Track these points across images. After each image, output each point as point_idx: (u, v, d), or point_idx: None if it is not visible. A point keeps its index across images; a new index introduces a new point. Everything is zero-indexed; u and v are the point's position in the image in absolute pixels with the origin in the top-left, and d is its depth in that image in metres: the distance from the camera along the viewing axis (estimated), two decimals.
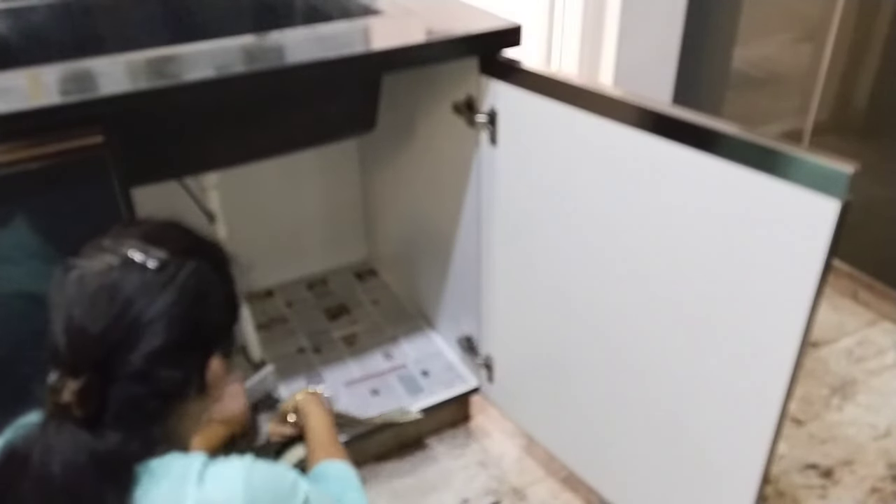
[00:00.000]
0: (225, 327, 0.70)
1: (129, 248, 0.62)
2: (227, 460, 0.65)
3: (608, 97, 0.90)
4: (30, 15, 1.16)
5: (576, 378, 1.13)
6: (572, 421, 1.18)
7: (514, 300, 1.21)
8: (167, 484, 0.61)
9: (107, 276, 0.61)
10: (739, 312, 0.84)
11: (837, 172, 0.69)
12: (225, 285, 0.69)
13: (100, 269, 0.61)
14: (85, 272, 0.61)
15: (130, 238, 0.64)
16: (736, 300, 0.84)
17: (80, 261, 0.62)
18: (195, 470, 0.62)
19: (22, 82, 0.85)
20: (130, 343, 0.60)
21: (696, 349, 0.91)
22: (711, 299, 0.87)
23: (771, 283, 0.79)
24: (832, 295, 1.81)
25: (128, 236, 0.64)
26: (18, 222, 0.83)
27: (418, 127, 1.33)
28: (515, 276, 1.18)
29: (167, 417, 0.65)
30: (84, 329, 0.59)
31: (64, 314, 0.60)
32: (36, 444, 0.59)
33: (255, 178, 1.49)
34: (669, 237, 0.89)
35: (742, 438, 0.89)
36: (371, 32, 1.06)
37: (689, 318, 0.90)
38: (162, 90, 0.84)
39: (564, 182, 1.01)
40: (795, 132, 1.83)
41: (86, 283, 0.60)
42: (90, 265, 0.61)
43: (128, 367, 0.60)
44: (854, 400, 1.52)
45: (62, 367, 0.59)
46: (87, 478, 0.59)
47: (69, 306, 0.60)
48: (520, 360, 1.26)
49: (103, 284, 0.60)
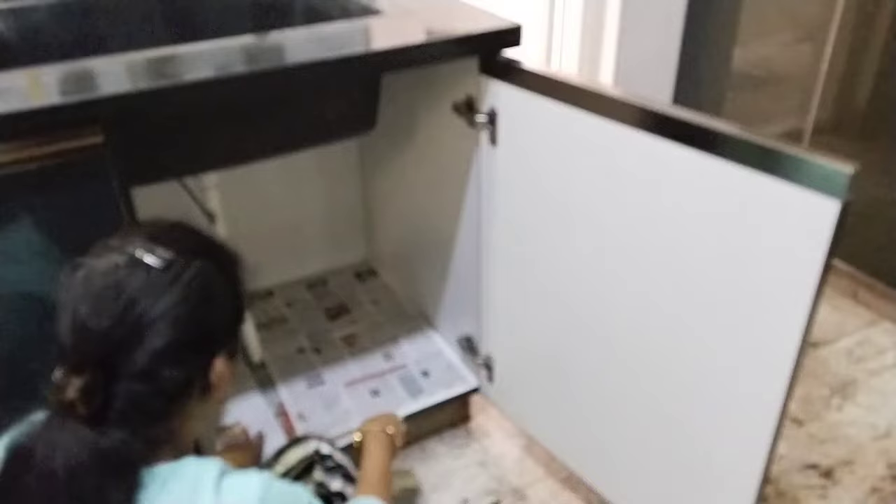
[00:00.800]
0: (230, 328, 0.70)
1: (136, 248, 0.63)
2: (246, 473, 0.65)
3: (609, 97, 0.90)
4: (30, 15, 1.16)
5: (576, 378, 1.13)
6: (572, 421, 1.18)
7: (514, 300, 1.21)
8: (179, 489, 0.61)
9: (112, 274, 0.61)
10: (739, 312, 0.84)
11: (838, 172, 0.69)
12: (231, 286, 0.69)
13: (106, 268, 0.61)
14: (91, 271, 0.61)
15: (137, 237, 0.64)
16: (736, 300, 0.84)
17: (88, 259, 0.63)
18: (212, 477, 0.62)
19: (22, 82, 0.85)
20: (135, 341, 0.60)
21: (696, 350, 0.91)
22: (711, 299, 0.86)
23: (771, 283, 0.79)
24: (832, 295, 1.81)
25: (135, 236, 0.65)
26: (19, 222, 0.83)
27: (418, 127, 1.33)
28: (515, 276, 1.18)
29: (171, 417, 0.65)
30: (88, 326, 0.60)
31: (70, 312, 0.60)
32: (40, 440, 0.60)
33: (255, 179, 1.49)
34: (669, 238, 0.89)
35: (742, 438, 0.89)
36: (371, 32, 1.06)
37: (688, 318, 0.90)
38: (161, 90, 0.83)
39: (564, 182, 1.01)
40: (795, 132, 1.83)
41: (92, 281, 0.61)
42: (97, 264, 0.62)
43: (132, 366, 0.60)
44: (854, 400, 1.52)
45: (67, 364, 0.59)
46: (90, 475, 0.59)
47: (75, 304, 0.60)
48: (520, 360, 1.26)
49: (108, 283, 0.61)
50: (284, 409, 1.32)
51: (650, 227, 0.91)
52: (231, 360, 0.70)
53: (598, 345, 1.06)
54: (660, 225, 0.89)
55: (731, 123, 0.79)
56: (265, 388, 1.37)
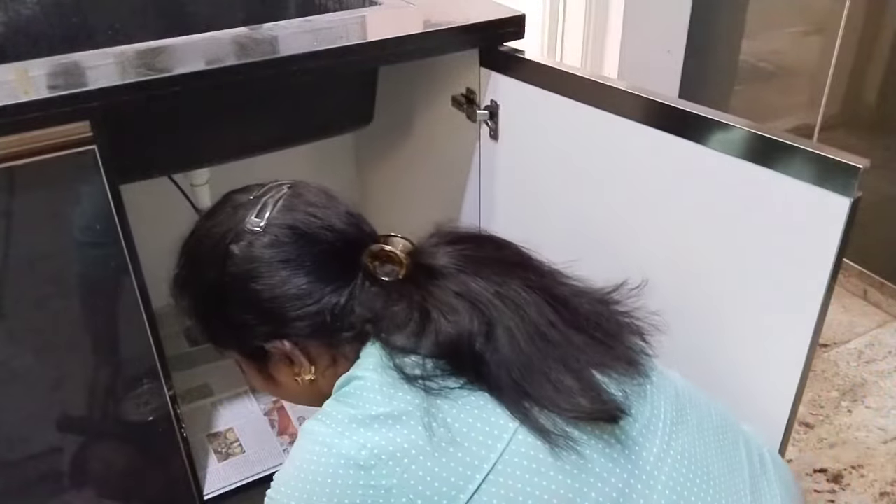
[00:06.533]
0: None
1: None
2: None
3: (614, 91, 0.88)
4: (18, 7, 1.15)
5: None
6: None
7: None
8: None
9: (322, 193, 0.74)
10: (748, 312, 0.81)
11: (848, 168, 0.67)
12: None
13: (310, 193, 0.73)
14: (300, 191, 0.73)
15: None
16: (744, 299, 0.81)
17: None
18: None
19: (8, 76, 0.83)
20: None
21: (703, 350, 0.89)
22: (719, 299, 0.84)
23: (780, 282, 0.77)
24: (842, 295, 1.78)
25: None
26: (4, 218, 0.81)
27: (416, 121, 1.31)
28: None
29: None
30: (352, 212, 0.75)
31: (335, 216, 0.71)
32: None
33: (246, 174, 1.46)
34: (675, 235, 0.86)
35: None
36: (367, 23, 1.03)
37: (696, 318, 0.88)
38: (151, 82, 0.81)
39: (568, 178, 0.99)
40: (804, 127, 1.80)
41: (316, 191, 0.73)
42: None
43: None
44: (864, 402, 1.49)
45: (372, 239, 0.71)
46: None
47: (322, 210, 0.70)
48: None
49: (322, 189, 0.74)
50: (285, 412, 1.30)
51: (655, 224, 0.88)
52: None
53: None
54: (665, 222, 0.87)
55: (739, 118, 0.76)
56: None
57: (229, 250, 0.67)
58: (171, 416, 0.99)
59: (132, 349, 0.93)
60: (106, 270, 0.87)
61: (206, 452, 1.19)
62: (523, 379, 0.61)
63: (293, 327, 0.67)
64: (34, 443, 0.93)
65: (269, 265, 0.66)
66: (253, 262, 0.66)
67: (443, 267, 0.68)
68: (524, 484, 0.59)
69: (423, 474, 0.58)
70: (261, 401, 1.32)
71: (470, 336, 0.62)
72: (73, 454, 0.96)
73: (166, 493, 1.07)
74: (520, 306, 0.65)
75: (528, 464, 0.59)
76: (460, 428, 0.59)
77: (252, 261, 0.66)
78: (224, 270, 0.67)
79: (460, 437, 0.59)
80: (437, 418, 0.59)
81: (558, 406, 0.61)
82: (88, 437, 0.97)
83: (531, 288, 0.67)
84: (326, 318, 0.67)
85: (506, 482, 0.58)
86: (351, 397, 0.62)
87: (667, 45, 1.70)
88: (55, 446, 0.94)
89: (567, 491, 0.59)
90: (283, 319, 0.67)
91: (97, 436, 0.98)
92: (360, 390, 0.62)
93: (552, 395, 0.61)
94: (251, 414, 1.28)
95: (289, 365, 0.71)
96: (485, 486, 0.58)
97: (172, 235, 0.75)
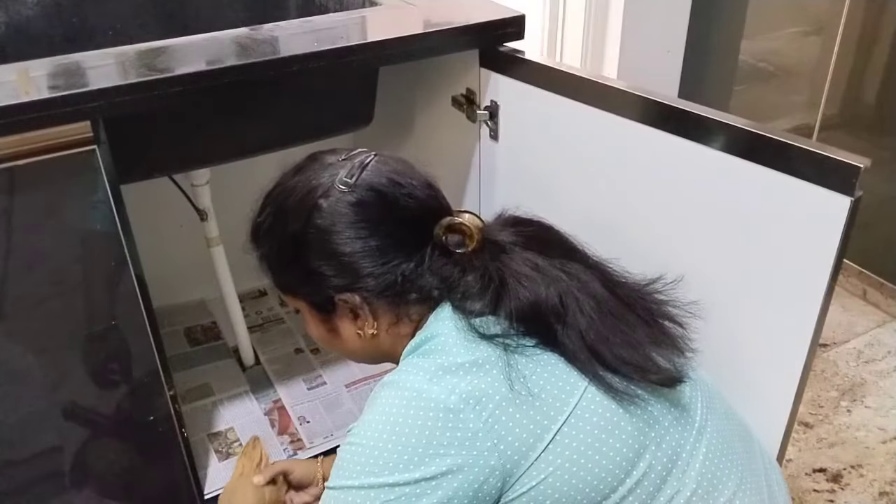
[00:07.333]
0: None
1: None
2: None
3: (614, 91, 0.88)
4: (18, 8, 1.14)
5: None
6: None
7: None
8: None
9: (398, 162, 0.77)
10: (748, 312, 0.81)
11: (848, 168, 0.67)
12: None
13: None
14: (387, 159, 0.76)
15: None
16: (744, 299, 0.81)
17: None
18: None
19: (9, 76, 0.83)
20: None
21: (703, 350, 0.89)
22: (718, 299, 0.84)
23: (780, 282, 0.77)
24: (841, 294, 1.78)
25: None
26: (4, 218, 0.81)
27: (416, 122, 1.30)
28: None
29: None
30: (431, 184, 0.77)
31: (411, 187, 0.73)
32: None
33: (246, 175, 1.46)
34: (675, 234, 0.86)
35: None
36: (367, 23, 1.03)
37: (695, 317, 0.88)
38: (152, 83, 0.81)
39: (568, 178, 0.99)
40: (804, 127, 1.80)
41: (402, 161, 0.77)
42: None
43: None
44: (863, 402, 1.49)
45: (447, 212, 0.73)
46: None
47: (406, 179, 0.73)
48: None
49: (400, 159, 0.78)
50: (286, 412, 1.30)
51: (656, 223, 0.88)
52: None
53: None
54: (665, 222, 0.87)
55: (739, 118, 0.76)
56: (262, 390, 1.35)
57: (318, 203, 0.71)
58: (172, 416, 0.99)
59: (132, 349, 0.93)
60: (106, 270, 0.87)
61: (207, 452, 1.19)
62: (595, 343, 0.66)
63: (365, 282, 0.71)
64: (34, 442, 0.93)
65: (351, 222, 0.70)
66: (337, 217, 0.70)
67: (510, 243, 0.73)
68: (593, 439, 0.63)
69: (506, 420, 0.62)
70: (261, 401, 1.32)
71: (546, 301, 0.67)
72: (73, 453, 0.96)
73: (166, 492, 1.07)
74: (584, 282, 0.70)
75: (598, 420, 0.64)
76: (537, 380, 0.64)
77: (337, 216, 0.70)
78: (310, 222, 0.71)
79: (537, 389, 0.64)
80: (516, 370, 0.64)
81: (626, 367, 0.66)
82: (89, 436, 0.97)
83: (589, 268, 0.73)
84: (397, 278, 0.71)
85: (578, 435, 0.63)
86: (434, 352, 0.66)
87: (666, 46, 1.70)
88: (55, 446, 0.94)
89: (632, 446, 0.64)
90: (357, 274, 0.71)
91: (97, 435, 0.98)
92: (443, 345, 0.66)
93: (620, 357, 0.66)
94: (251, 414, 1.29)
95: (353, 319, 0.74)
96: (558, 437, 0.62)
97: (172, 235, 0.75)
